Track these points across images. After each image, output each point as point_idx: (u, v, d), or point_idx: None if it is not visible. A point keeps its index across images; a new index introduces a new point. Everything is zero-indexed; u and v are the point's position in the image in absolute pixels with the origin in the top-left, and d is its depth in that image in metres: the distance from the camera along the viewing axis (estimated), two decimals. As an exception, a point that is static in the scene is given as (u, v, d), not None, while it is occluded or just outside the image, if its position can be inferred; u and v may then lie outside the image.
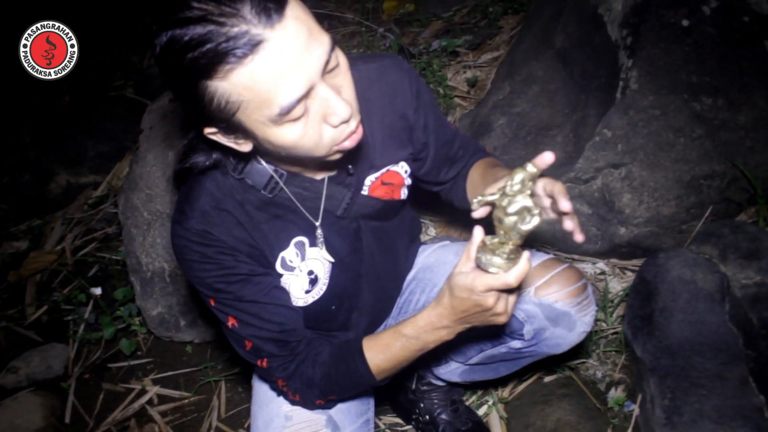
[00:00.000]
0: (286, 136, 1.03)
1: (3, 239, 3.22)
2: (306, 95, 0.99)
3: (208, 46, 0.91)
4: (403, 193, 1.47)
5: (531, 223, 1.01)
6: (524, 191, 1.00)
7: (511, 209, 1.00)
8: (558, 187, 1.10)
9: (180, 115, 2.32)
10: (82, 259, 2.90)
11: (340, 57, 1.04)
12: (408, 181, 1.46)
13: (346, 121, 1.06)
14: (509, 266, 1.07)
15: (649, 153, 2.01)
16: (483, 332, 1.51)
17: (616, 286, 2.10)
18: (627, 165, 2.03)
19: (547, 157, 1.05)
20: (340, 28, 3.55)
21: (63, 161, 3.39)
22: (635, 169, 2.02)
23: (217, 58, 0.92)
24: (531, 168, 0.99)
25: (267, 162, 1.23)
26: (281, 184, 1.24)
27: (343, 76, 1.06)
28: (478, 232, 1.11)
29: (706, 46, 2.02)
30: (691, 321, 1.62)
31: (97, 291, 2.65)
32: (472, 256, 1.12)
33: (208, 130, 1.08)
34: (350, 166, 1.30)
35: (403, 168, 1.43)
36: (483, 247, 1.09)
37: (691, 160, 2.00)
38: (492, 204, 1.05)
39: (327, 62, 1.00)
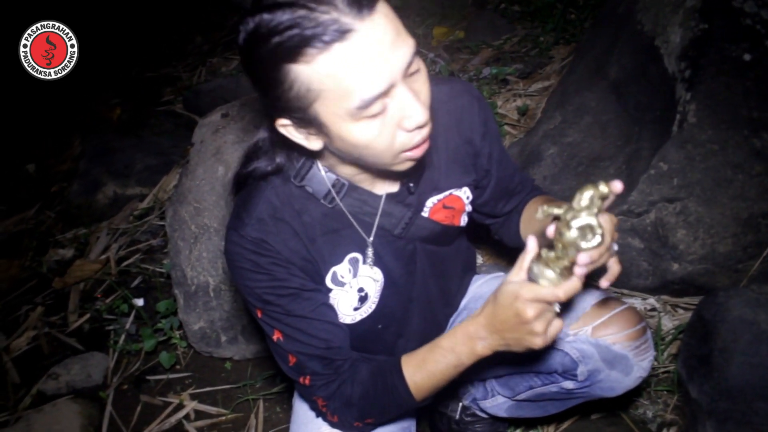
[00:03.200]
0: (361, 133, 1.03)
1: (49, 246, 3.28)
2: (386, 93, 0.99)
3: (296, 30, 0.93)
4: (463, 220, 1.45)
5: (592, 242, 0.99)
6: (591, 208, 0.98)
7: (575, 224, 0.98)
8: (608, 225, 1.06)
9: (234, 126, 2.34)
10: (125, 269, 2.92)
11: (420, 64, 1.04)
12: (469, 208, 1.44)
13: (421, 127, 1.05)
14: (561, 282, 1.05)
15: (706, 188, 1.96)
16: (534, 365, 1.48)
17: (668, 323, 2.04)
18: (683, 200, 1.98)
19: (617, 186, 0.99)
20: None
21: (111, 172, 3.45)
22: (691, 205, 1.97)
23: (303, 42, 0.93)
24: (603, 187, 0.97)
25: (328, 171, 1.22)
26: (341, 195, 1.24)
27: (423, 82, 1.06)
28: (532, 242, 1.09)
29: (769, 82, 1.97)
30: (753, 364, 1.56)
31: (140, 302, 2.67)
32: (525, 267, 1.09)
33: (281, 122, 1.08)
34: (411, 184, 1.29)
35: (465, 194, 1.41)
36: (537, 259, 1.08)
37: (750, 197, 1.94)
38: (557, 217, 1.03)
39: (410, 64, 1.00)
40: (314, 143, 1.11)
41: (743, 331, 1.61)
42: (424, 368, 1.25)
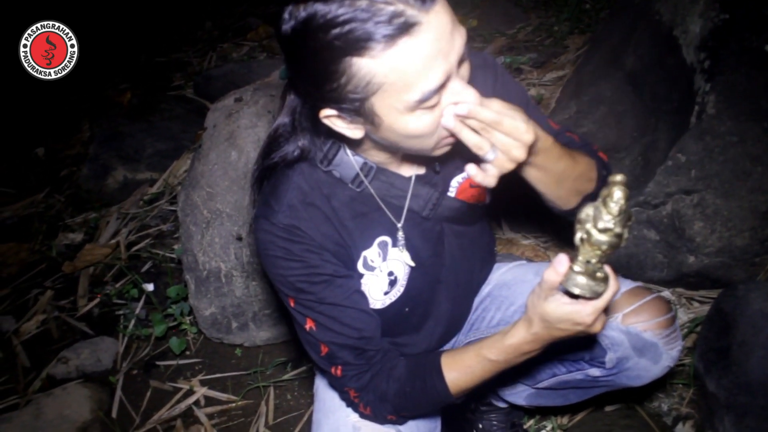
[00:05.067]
0: (415, 124, 1.01)
1: (59, 230, 3.27)
2: (444, 85, 0.98)
3: (358, 23, 0.90)
4: (488, 197, 1.43)
5: (628, 232, 0.98)
6: (629, 205, 0.97)
7: (619, 229, 0.96)
8: None
9: (248, 111, 2.32)
10: (135, 254, 2.92)
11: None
12: None
13: None
14: (596, 287, 1.02)
15: (725, 181, 1.94)
16: (560, 353, 1.46)
17: (683, 316, 2.02)
18: (700, 192, 1.96)
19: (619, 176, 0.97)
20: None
21: (121, 157, 3.44)
22: (709, 197, 1.95)
23: (367, 36, 0.91)
24: (622, 178, 0.95)
25: (356, 155, 1.20)
26: (369, 178, 1.22)
27: (467, 67, 1.05)
28: (564, 264, 1.04)
29: (791, 74, 1.95)
30: (773, 358, 1.55)
31: (150, 287, 2.66)
32: (554, 283, 1.06)
33: (326, 112, 1.05)
34: (437, 164, 1.27)
35: None
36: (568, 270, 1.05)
37: (769, 190, 1.92)
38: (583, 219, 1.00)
39: (463, 53, 0.99)
40: (357, 132, 1.09)
41: (763, 325, 1.59)
42: (468, 374, 1.25)
